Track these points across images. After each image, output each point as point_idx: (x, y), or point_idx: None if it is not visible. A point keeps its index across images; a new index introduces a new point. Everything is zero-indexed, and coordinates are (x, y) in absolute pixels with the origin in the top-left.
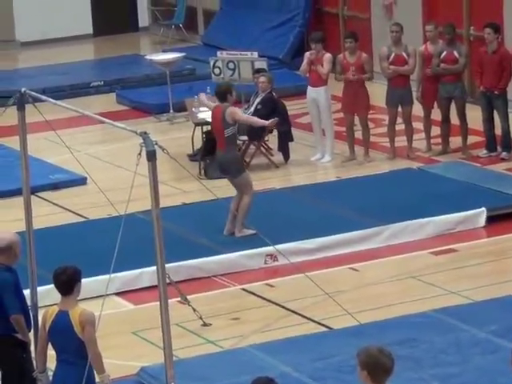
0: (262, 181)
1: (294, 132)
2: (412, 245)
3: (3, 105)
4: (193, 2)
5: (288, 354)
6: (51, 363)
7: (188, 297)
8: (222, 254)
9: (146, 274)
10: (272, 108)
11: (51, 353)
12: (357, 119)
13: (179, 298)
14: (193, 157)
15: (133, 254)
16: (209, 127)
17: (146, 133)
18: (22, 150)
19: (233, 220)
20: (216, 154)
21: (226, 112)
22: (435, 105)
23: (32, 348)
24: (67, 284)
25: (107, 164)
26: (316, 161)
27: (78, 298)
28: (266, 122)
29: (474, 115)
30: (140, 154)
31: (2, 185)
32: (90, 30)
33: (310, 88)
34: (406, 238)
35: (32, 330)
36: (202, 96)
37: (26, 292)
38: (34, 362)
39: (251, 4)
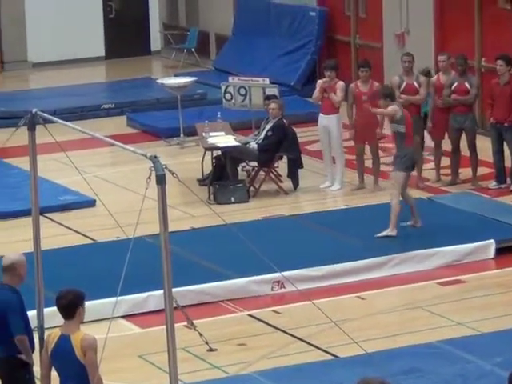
0: (271, 207)
1: (304, 159)
2: (420, 275)
3: (14, 125)
4: (205, 27)
5: (293, 381)
6: None
7: (194, 321)
8: (230, 279)
9: (153, 298)
10: (282, 135)
11: (54, 374)
12: (367, 148)
13: (186, 323)
14: (202, 181)
15: (140, 278)
16: (219, 152)
17: (155, 156)
18: (32, 170)
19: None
20: (409, 151)
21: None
22: (446, 135)
23: (36, 369)
24: (68, 308)
25: (116, 187)
26: (325, 188)
27: (85, 320)
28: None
29: (485, 146)
30: (150, 177)
31: (11, 205)
32: (102, 52)
33: (321, 115)
34: (413, 268)
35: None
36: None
37: (33, 313)
38: None
39: (263, 30)
